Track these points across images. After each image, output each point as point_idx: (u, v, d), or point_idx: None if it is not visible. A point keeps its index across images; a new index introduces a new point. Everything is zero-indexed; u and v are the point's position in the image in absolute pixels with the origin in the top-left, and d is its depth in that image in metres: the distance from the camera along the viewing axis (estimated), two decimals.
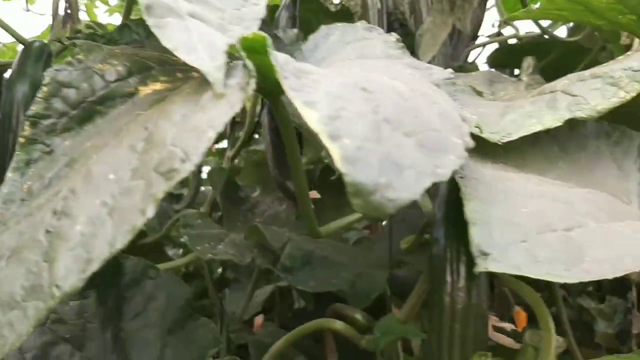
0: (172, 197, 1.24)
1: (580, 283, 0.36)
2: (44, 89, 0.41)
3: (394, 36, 0.52)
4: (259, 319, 1.01)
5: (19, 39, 0.83)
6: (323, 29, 0.58)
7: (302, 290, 0.88)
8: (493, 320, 0.51)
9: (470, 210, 0.39)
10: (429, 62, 0.86)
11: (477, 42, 1.20)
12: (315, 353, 0.77)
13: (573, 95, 0.53)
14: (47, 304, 0.27)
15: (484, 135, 0.53)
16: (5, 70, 0.92)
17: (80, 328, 0.49)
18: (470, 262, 0.51)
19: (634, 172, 0.51)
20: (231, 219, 1.01)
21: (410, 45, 1.09)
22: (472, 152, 0.35)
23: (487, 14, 1.17)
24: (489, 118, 0.55)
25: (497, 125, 0.53)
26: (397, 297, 0.79)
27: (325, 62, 0.50)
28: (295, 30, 1.11)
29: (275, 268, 0.79)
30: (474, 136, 0.52)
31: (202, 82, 0.34)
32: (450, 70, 0.47)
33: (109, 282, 0.53)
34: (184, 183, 1.99)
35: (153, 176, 0.28)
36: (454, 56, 1.10)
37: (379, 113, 0.32)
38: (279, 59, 0.34)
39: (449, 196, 0.54)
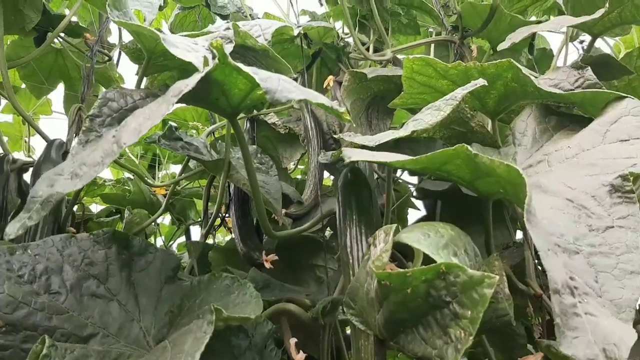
0: None
1: None
2: (99, 101, 0.76)
3: None
4: None
5: (44, 137, 1.19)
6: None
7: None
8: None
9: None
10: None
11: None
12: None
13: (416, 120, 0.91)
14: (116, 155, 0.59)
15: (366, 143, 0.88)
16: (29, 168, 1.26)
17: (105, 268, 0.75)
18: (361, 212, 0.82)
19: None
20: None
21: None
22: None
23: None
24: (368, 137, 0.92)
25: (372, 138, 0.89)
26: None
27: None
28: (255, 146, 1.53)
29: None
30: (362, 146, 0.88)
31: None
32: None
33: (123, 246, 0.80)
34: None
35: (170, 98, 0.62)
36: None
37: (282, 80, 0.68)
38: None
39: (346, 178, 0.87)
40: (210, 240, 1.96)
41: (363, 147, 0.89)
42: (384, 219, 1.02)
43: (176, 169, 2.81)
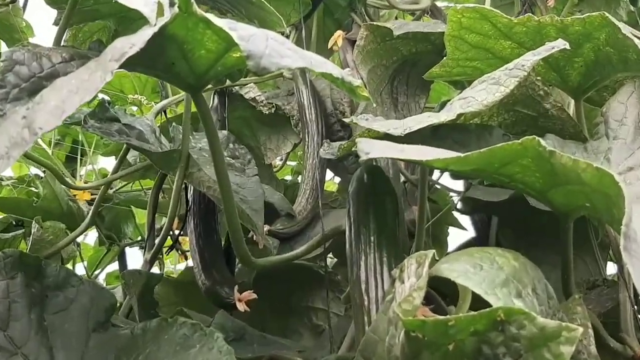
0: None
1: None
2: (2, 64, 0.77)
3: None
4: None
5: None
6: None
7: None
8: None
9: None
10: None
11: None
12: None
13: (464, 98, 0.93)
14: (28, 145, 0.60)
15: (391, 131, 0.90)
16: None
17: (6, 307, 0.77)
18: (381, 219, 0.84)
19: None
20: None
21: None
22: None
23: None
24: (392, 122, 0.93)
25: (399, 123, 0.91)
26: None
27: None
28: (225, 132, 1.55)
29: None
30: (385, 135, 0.90)
31: None
32: None
33: (32, 275, 0.82)
34: None
35: (108, 64, 0.64)
36: None
37: (271, 39, 0.69)
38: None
39: (360, 182, 0.88)
40: (156, 269, 1.98)
41: (386, 136, 0.91)
42: (415, 243, 1.04)
43: (107, 163, 2.83)
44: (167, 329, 0.76)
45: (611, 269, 1.49)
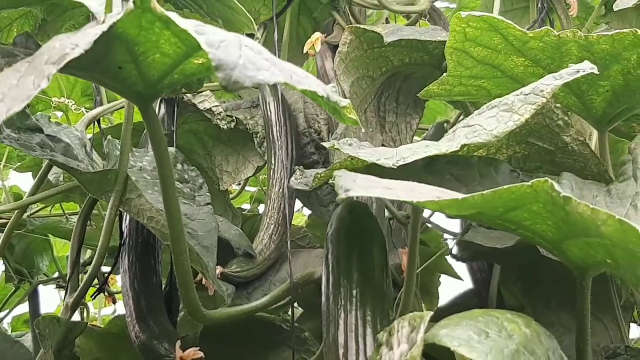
0: None
1: None
2: None
3: None
4: None
5: None
6: None
7: None
8: None
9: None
10: None
11: None
12: None
13: (470, 126, 0.95)
14: None
15: (380, 162, 0.92)
16: None
17: None
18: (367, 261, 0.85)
19: None
20: None
21: None
22: None
23: None
24: (383, 151, 0.95)
25: (391, 153, 0.93)
26: None
27: None
28: (173, 149, 1.55)
29: None
30: (371, 166, 0.92)
31: None
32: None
33: None
34: None
35: (44, 67, 0.65)
36: None
37: (245, 46, 0.71)
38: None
39: (342, 222, 0.90)
40: (78, 316, 1.95)
41: (373, 165, 0.92)
42: (403, 296, 1.05)
43: (22, 180, 2.79)
44: None
45: (635, 332, 1.52)
